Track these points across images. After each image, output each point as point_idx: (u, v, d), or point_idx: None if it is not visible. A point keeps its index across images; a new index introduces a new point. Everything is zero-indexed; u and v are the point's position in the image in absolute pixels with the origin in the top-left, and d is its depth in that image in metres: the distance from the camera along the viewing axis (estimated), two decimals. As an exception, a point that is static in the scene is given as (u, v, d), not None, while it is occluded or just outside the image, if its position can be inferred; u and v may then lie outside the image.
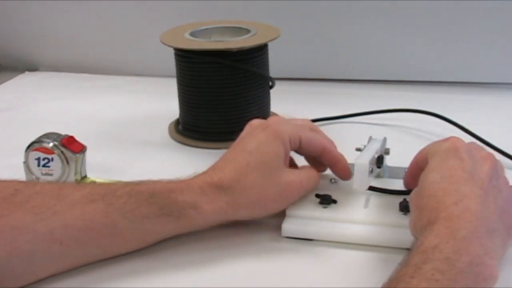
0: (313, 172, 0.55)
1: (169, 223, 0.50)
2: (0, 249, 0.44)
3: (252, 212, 0.52)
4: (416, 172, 0.50)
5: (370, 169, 0.53)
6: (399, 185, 0.56)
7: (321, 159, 0.56)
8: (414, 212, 0.46)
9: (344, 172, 0.56)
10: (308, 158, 0.58)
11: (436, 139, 0.73)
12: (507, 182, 0.49)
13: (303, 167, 0.57)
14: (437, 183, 0.46)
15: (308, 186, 0.55)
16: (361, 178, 0.53)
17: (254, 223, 0.56)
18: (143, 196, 0.49)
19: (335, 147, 0.56)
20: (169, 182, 0.51)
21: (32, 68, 1.10)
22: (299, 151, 0.56)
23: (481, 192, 0.45)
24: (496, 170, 0.48)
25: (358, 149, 0.59)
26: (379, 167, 0.57)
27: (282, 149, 0.53)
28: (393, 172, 0.60)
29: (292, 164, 0.57)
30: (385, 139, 0.60)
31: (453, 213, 0.43)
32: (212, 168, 0.53)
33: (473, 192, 0.44)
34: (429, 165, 0.48)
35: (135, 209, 0.49)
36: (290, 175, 0.53)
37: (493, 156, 0.49)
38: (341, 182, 0.58)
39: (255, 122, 0.55)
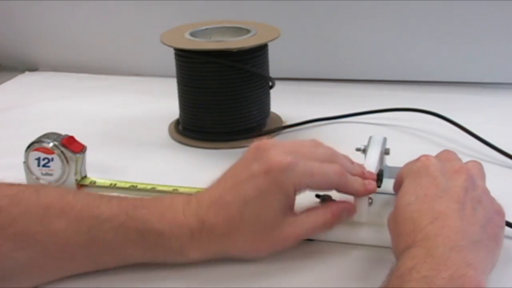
0: (319, 220, 0.50)
1: (151, 260, 0.49)
2: None
3: (241, 258, 0.50)
4: (399, 189, 0.49)
5: (370, 201, 0.52)
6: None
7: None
8: (393, 238, 0.46)
9: (352, 210, 0.52)
10: None
11: (436, 139, 0.74)
12: (486, 192, 0.48)
13: (309, 214, 0.51)
14: (412, 204, 0.45)
15: (312, 233, 0.51)
16: (361, 210, 0.52)
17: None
18: (131, 237, 0.47)
19: (347, 181, 0.51)
20: (163, 215, 0.48)
21: (32, 68, 1.10)
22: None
23: (458, 206, 0.44)
24: (472, 182, 0.47)
25: (358, 149, 0.59)
26: (379, 186, 0.55)
27: (282, 200, 0.48)
28: (393, 172, 0.59)
29: None
30: (385, 139, 0.60)
31: (430, 233, 0.42)
32: (207, 201, 0.49)
33: (449, 207, 0.44)
34: (403, 187, 0.48)
35: (120, 249, 0.47)
36: (289, 227, 0.49)
37: (466, 167, 0.48)
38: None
39: (258, 157, 0.48)
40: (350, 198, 0.52)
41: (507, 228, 0.49)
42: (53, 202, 0.47)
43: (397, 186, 0.50)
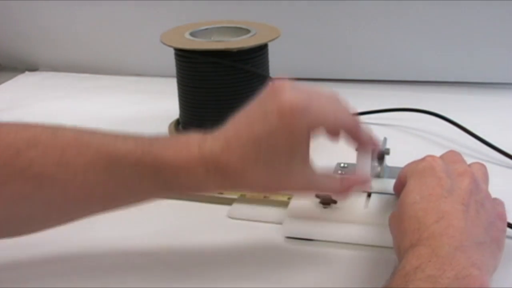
0: (335, 184, 0.50)
1: (167, 196, 0.50)
2: None
3: (253, 193, 0.52)
4: (401, 188, 0.49)
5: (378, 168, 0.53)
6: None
7: (347, 137, 0.50)
8: (397, 236, 0.46)
9: (367, 184, 0.53)
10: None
11: (436, 139, 0.74)
12: (489, 195, 0.49)
13: (327, 175, 0.51)
14: (417, 203, 0.45)
15: (324, 192, 0.52)
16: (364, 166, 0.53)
17: (254, 223, 0.56)
18: (148, 173, 0.47)
19: (360, 127, 0.51)
20: (179, 150, 0.47)
21: (32, 68, 1.10)
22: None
23: (462, 207, 0.44)
24: (476, 185, 0.47)
25: (358, 149, 0.59)
26: (380, 164, 0.56)
27: (297, 144, 0.46)
28: (393, 172, 0.59)
29: None
30: (385, 139, 0.60)
31: (435, 232, 0.42)
32: (223, 140, 0.47)
33: (454, 208, 0.44)
34: (407, 186, 0.48)
35: (137, 184, 0.47)
36: (308, 178, 0.48)
37: (471, 171, 0.49)
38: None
39: (274, 96, 0.46)
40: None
41: (508, 229, 0.49)
42: (69, 143, 0.47)
43: (399, 186, 0.50)
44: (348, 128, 0.49)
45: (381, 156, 0.56)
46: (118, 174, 0.47)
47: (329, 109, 0.48)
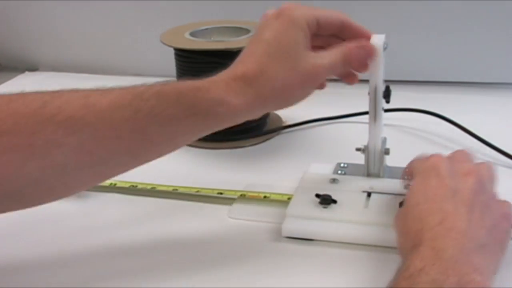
0: (337, 54, 0.53)
1: (197, 122, 0.49)
2: (34, 164, 0.45)
3: (279, 102, 0.53)
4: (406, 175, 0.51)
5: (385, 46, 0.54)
6: (399, 185, 0.56)
7: (342, 35, 0.55)
8: (401, 236, 0.46)
9: (368, 46, 0.54)
10: (326, 41, 0.56)
11: (436, 139, 0.74)
12: (495, 196, 0.49)
13: (327, 51, 0.53)
14: (421, 204, 0.45)
15: (335, 67, 0.53)
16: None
17: (254, 224, 0.56)
18: (171, 98, 0.48)
19: (351, 19, 0.56)
20: (195, 81, 0.50)
21: (32, 68, 1.10)
22: (318, 32, 0.54)
23: (466, 208, 0.44)
24: (481, 185, 0.47)
25: (358, 149, 0.59)
26: (387, 101, 0.57)
27: (300, 34, 0.51)
28: (393, 172, 0.59)
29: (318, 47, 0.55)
30: (385, 139, 0.60)
31: (438, 233, 0.42)
32: (234, 63, 0.52)
33: (457, 209, 0.44)
34: (412, 186, 0.48)
35: (163, 112, 0.48)
36: (313, 60, 0.52)
37: (476, 170, 0.49)
38: (341, 182, 0.59)
39: (269, 12, 0.54)
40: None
41: None
42: (92, 90, 0.50)
43: (405, 175, 0.52)
44: (340, 19, 0.55)
45: (386, 94, 0.57)
46: (143, 105, 0.48)
47: (320, 9, 0.54)
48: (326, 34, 0.55)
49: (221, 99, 0.49)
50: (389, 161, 0.60)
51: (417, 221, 0.44)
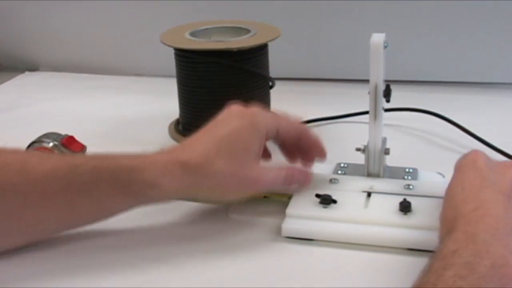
0: (281, 174, 0.54)
1: (127, 201, 0.51)
2: None
3: (211, 197, 0.53)
4: None
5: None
6: (399, 185, 0.56)
7: (299, 145, 0.57)
8: (439, 226, 0.46)
9: (322, 152, 0.57)
10: (282, 146, 0.58)
11: (436, 139, 0.74)
12: None
13: (273, 168, 0.55)
14: (458, 194, 0.46)
15: (275, 184, 0.54)
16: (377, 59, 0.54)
17: (254, 223, 0.56)
18: (104, 176, 0.49)
19: (310, 131, 0.58)
20: (136, 157, 0.51)
21: (32, 68, 1.10)
22: (275, 140, 0.57)
23: (503, 197, 0.45)
24: None
25: (358, 149, 0.59)
26: (387, 100, 0.57)
27: (255, 142, 0.53)
28: (393, 172, 0.59)
29: (266, 153, 0.58)
30: (385, 139, 0.60)
31: (471, 219, 0.43)
32: (181, 146, 0.53)
33: (494, 197, 0.44)
34: (451, 180, 0.49)
35: (95, 189, 0.49)
36: (257, 172, 0.53)
37: None
38: (341, 182, 0.59)
39: (234, 108, 0.55)
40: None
41: None
42: (29, 156, 0.51)
43: None
44: (299, 131, 0.56)
45: (386, 93, 0.57)
46: (76, 180, 0.49)
47: (283, 118, 0.56)
48: (281, 143, 0.57)
49: (154, 183, 0.50)
50: (389, 161, 0.60)
51: (452, 209, 0.45)
